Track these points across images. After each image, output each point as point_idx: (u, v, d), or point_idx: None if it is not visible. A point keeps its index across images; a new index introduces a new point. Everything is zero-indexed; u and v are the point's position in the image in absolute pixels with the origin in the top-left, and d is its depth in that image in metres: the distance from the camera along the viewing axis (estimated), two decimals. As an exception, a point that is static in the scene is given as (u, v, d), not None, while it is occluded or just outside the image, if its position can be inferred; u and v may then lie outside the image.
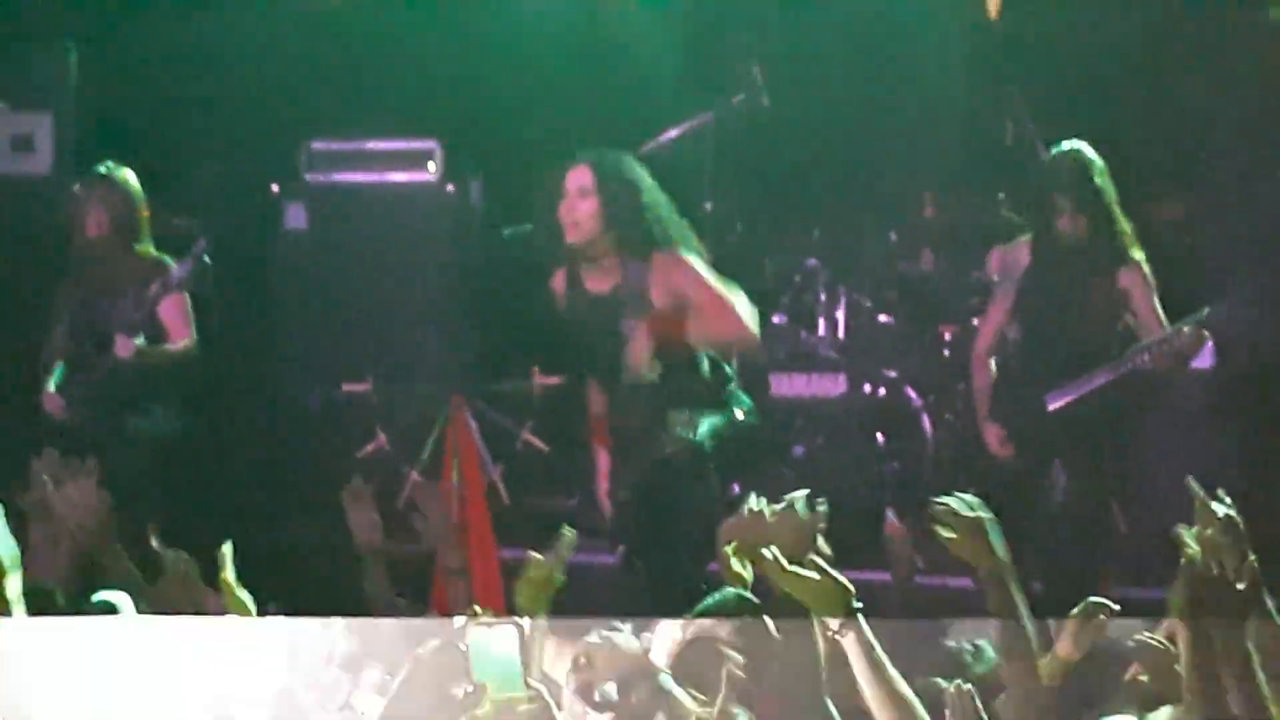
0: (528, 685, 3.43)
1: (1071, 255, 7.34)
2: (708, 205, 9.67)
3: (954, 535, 4.18)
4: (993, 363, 7.61)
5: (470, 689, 3.67)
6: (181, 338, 8.12)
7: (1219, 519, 3.70)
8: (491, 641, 3.46)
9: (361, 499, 6.03)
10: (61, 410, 8.05)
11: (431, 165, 9.77)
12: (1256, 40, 9.08)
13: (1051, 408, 7.30)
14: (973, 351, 7.75)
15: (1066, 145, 7.52)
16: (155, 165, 9.08)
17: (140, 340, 7.89)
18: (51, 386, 8.04)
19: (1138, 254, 7.41)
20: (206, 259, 7.95)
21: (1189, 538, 3.77)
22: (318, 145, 9.88)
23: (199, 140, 9.76)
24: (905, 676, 4.22)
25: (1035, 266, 7.45)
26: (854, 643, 4.11)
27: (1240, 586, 3.71)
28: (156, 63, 9.76)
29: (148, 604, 5.38)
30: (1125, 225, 7.41)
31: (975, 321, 8.62)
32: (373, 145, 9.89)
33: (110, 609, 5.06)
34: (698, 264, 6.98)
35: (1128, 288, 7.31)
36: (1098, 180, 7.37)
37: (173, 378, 8.12)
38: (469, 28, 9.90)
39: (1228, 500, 3.80)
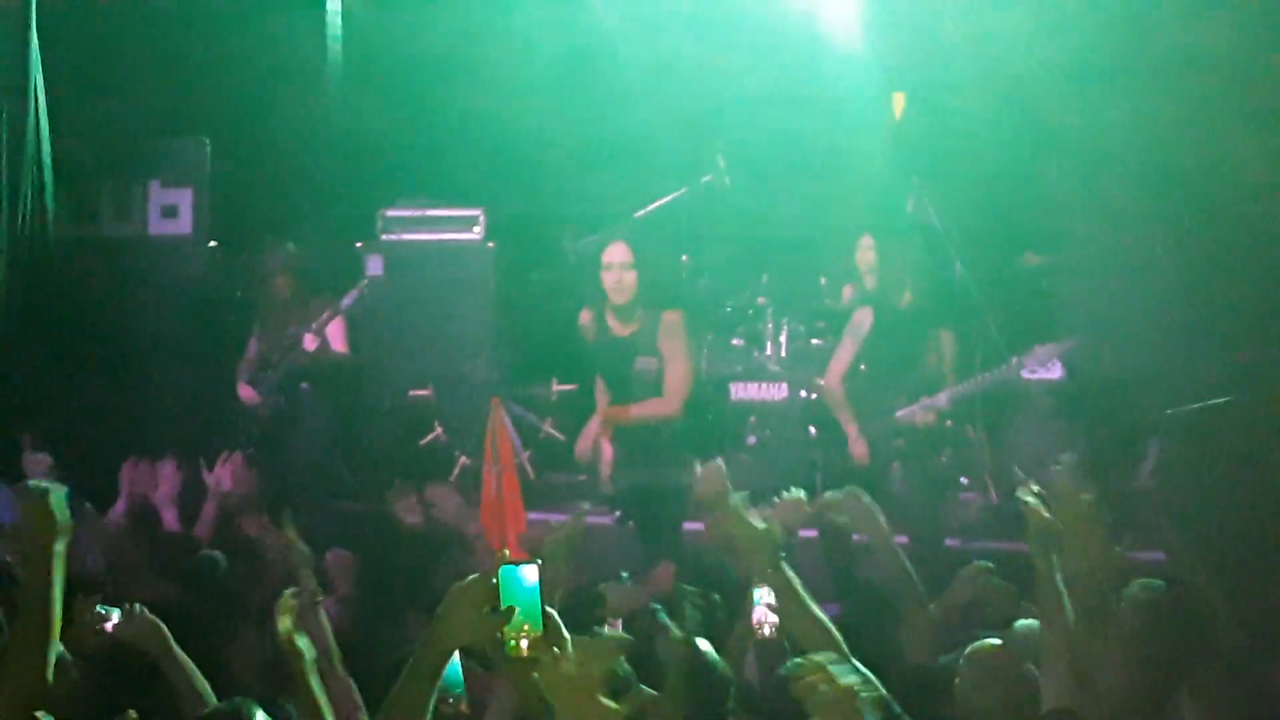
0: (545, 613, 3.21)
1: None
2: (685, 258, 9.88)
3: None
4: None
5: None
6: (340, 349, 8.55)
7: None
8: (517, 575, 3.26)
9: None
10: (254, 398, 8.49)
11: (476, 228, 9.85)
12: (1104, 130, 8.90)
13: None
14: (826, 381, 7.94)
15: None
16: (270, 229, 9.42)
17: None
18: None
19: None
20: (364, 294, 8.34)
21: (1028, 497, 4.09)
22: (390, 212, 9.93)
23: (303, 209, 9.88)
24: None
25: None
26: (784, 583, 4.14)
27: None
28: (269, 150, 9.86)
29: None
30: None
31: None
32: (432, 212, 9.93)
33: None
34: (683, 326, 7.43)
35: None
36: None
37: (325, 375, 8.54)
38: (505, 127, 10.03)
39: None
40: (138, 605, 4.29)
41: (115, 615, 4.28)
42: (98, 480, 7.67)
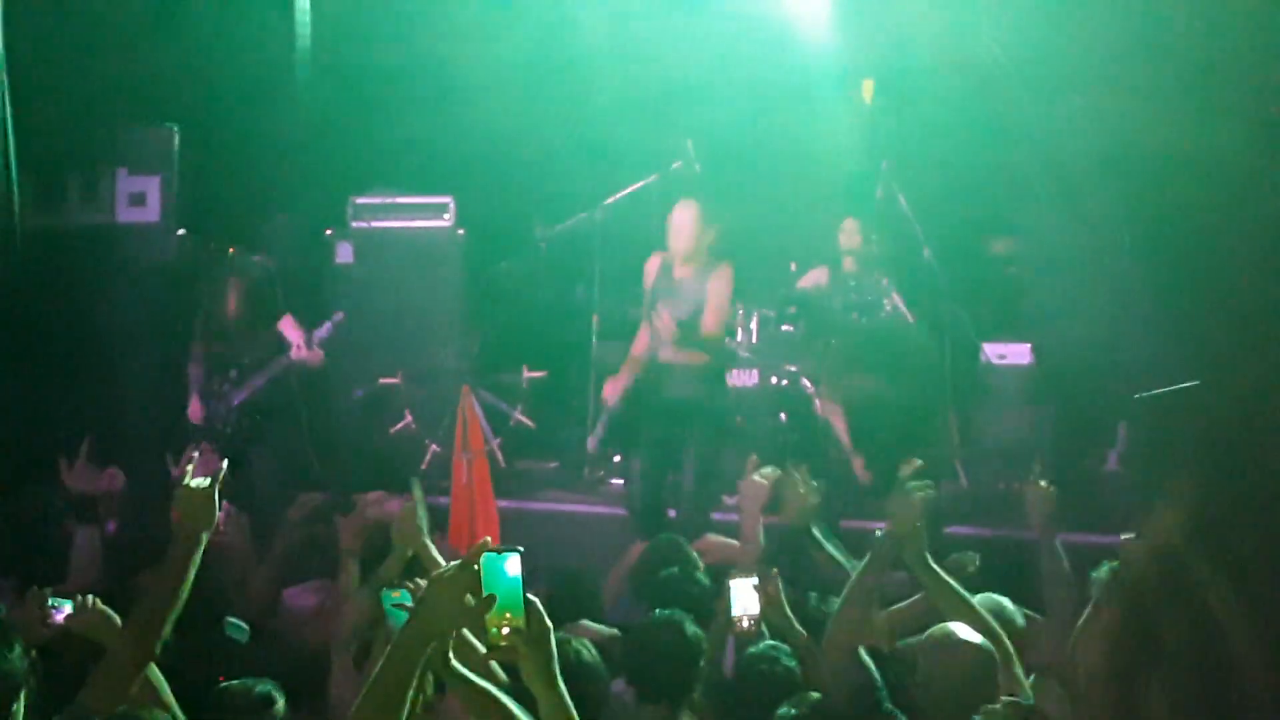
0: (526, 600, 3.21)
1: None
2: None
3: None
4: None
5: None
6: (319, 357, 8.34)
7: None
8: (499, 564, 3.25)
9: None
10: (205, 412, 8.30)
11: (446, 215, 9.81)
12: (1067, 119, 9.05)
13: None
14: None
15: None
16: (239, 216, 9.34)
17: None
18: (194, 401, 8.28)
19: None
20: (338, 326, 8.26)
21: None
22: (361, 200, 9.90)
23: (272, 197, 9.86)
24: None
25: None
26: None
27: None
28: (237, 138, 9.75)
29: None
30: None
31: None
32: (402, 200, 9.91)
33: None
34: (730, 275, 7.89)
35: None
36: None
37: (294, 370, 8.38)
38: (474, 118, 9.93)
39: None
40: (89, 597, 4.25)
41: (66, 607, 4.25)
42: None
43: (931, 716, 4.18)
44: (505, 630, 3.21)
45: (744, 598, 4.75)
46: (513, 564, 3.26)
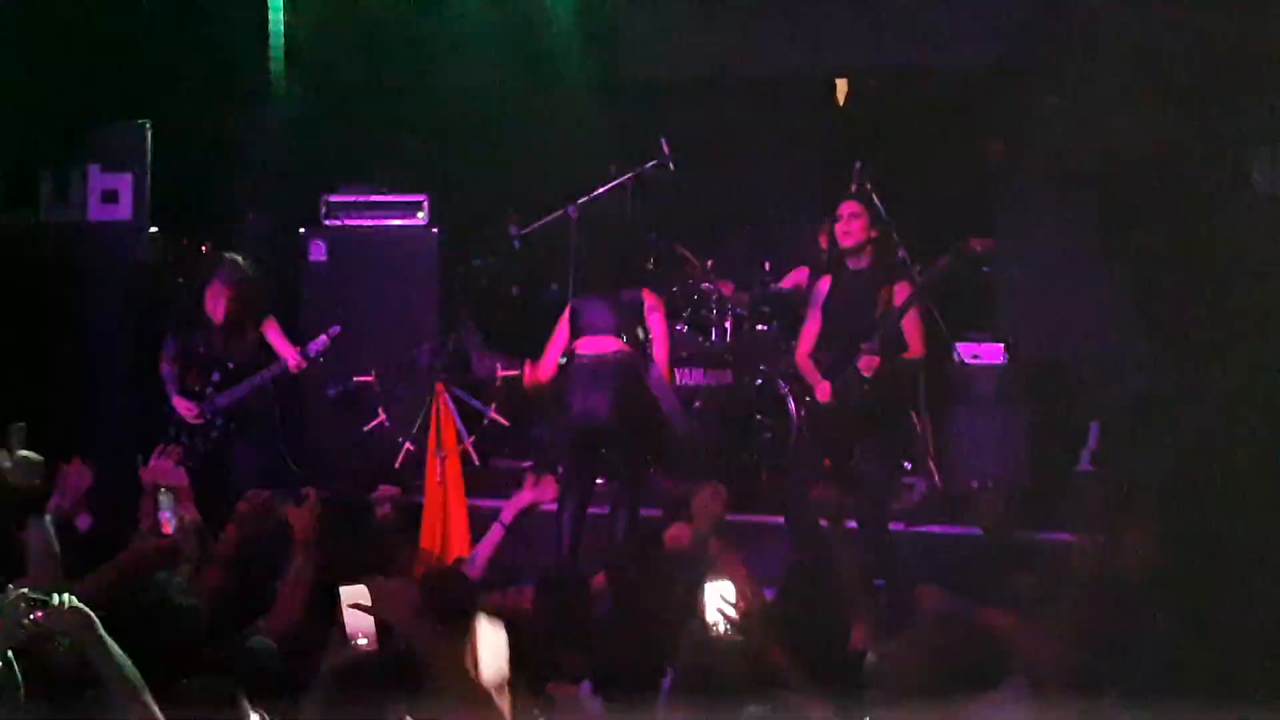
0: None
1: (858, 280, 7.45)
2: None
3: None
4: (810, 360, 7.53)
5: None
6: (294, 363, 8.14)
7: None
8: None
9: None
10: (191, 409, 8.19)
11: (421, 213, 9.77)
12: (1043, 116, 9.00)
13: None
14: (797, 357, 7.64)
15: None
16: (212, 214, 9.33)
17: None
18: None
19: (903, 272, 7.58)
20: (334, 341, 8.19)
21: None
22: (334, 198, 9.85)
23: (245, 195, 9.83)
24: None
25: (833, 291, 7.52)
26: None
27: None
28: (210, 136, 9.77)
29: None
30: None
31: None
32: (376, 197, 9.87)
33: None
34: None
35: (892, 292, 7.35)
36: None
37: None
38: (448, 115, 10.10)
39: None
40: (67, 595, 4.19)
41: (46, 604, 4.18)
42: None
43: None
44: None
45: (719, 603, 4.68)
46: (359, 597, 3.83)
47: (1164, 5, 8.11)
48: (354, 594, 4.07)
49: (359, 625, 4.06)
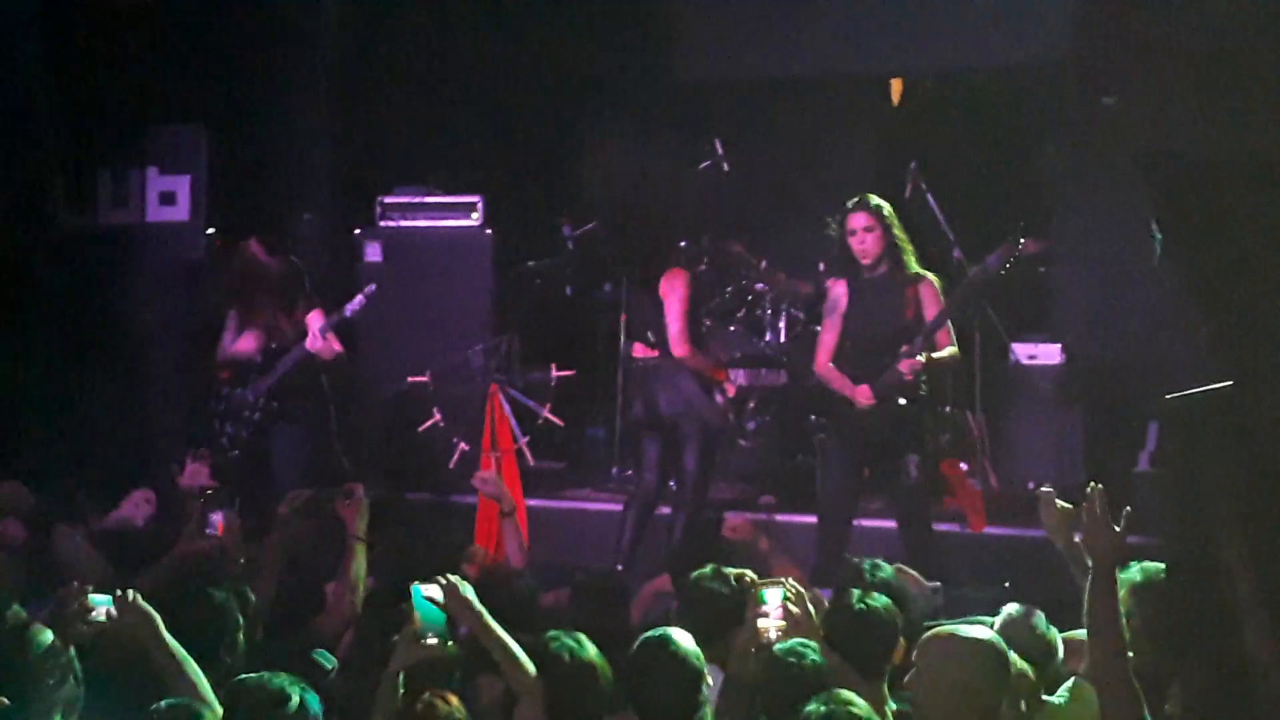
0: (451, 628, 3.48)
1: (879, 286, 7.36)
2: (682, 244, 9.50)
3: None
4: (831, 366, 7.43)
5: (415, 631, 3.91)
6: (337, 347, 8.34)
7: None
8: (428, 596, 3.57)
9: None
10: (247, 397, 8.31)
11: (475, 214, 9.75)
12: (1095, 119, 8.95)
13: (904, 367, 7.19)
14: (817, 367, 7.54)
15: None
16: (267, 216, 9.34)
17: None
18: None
19: (922, 272, 7.41)
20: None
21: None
22: (389, 199, 9.88)
23: (301, 196, 9.83)
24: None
25: (853, 299, 7.42)
26: None
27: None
28: (266, 139, 9.80)
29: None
30: (910, 256, 7.39)
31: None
32: (430, 199, 9.87)
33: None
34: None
35: (918, 293, 7.30)
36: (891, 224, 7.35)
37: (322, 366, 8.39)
38: (503, 117, 10.14)
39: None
40: (130, 593, 4.22)
41: (106, 604, 4.21)
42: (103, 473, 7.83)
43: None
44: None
45: (772, 609, 4.64)
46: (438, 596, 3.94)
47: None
48: (429, 592, 4.08)
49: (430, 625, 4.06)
